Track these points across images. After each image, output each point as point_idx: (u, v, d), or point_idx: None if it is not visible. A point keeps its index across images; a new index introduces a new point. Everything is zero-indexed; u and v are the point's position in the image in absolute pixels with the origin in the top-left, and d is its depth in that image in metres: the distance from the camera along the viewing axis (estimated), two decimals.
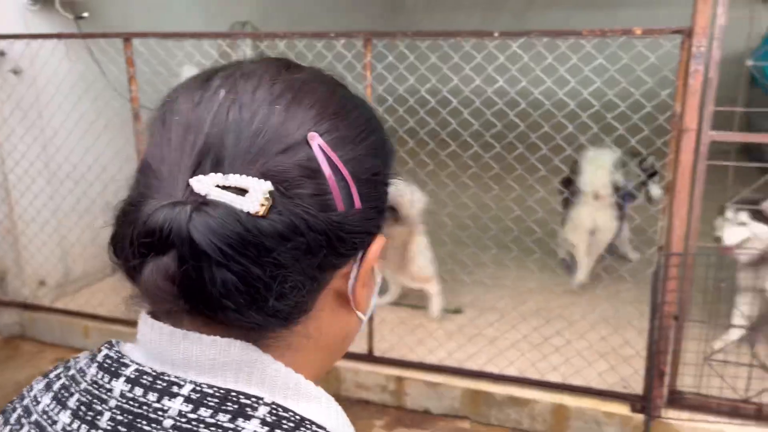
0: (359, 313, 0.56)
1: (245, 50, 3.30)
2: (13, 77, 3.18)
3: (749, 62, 2.23)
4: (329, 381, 3.00)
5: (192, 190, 0.45)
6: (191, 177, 0.45)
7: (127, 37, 2.79)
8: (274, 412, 0.47)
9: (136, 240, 0.45)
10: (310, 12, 5.94)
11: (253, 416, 0.46)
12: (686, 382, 2.53)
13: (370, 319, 2.90)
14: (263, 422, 0.45)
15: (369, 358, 2.96)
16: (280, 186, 0.46)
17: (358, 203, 0.49)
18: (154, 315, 0.50)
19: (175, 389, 0.46)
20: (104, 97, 3.24)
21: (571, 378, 2.71)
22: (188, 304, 0.46)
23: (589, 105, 2.45)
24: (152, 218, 0.44)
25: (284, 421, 0.46)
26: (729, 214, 2.69)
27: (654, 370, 2.49)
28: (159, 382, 0.47)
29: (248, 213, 0.44)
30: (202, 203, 0.44)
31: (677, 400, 2.55)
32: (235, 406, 0.46)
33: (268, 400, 0.47)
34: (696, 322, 2.42)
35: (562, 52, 2.36)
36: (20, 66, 3.20)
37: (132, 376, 0.48)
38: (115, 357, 0.50)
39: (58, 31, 3.10)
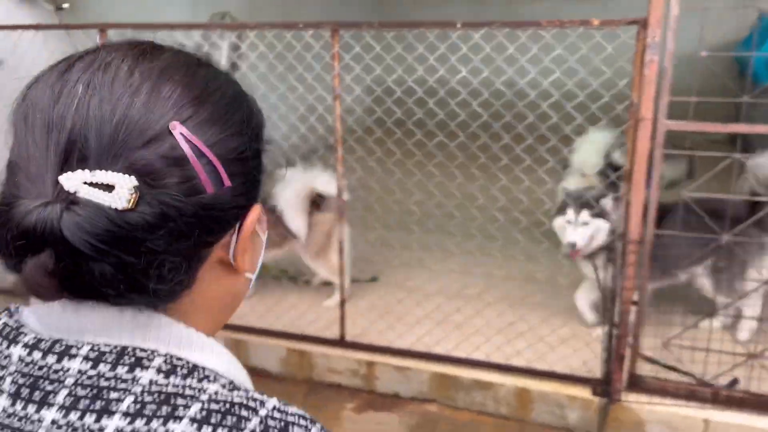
0: (247, 274, 0.60)
1: (220, 42, 3.34)
2: None
3: (703, 53, 2.27)
4: (302, 366, 3.07)
5: (62, 188, 0.46)
6: (59, 174, 0.47)
7: (102, 28, 2.84)
8: (169, 361, 0.51)
9: (11, 241, 0.47)
10: (300, 3, 5.97)
11: (149, 366, 0.50)
12: (645, 367, 2.59)
13: (342, 305, 2.97)
14: (159, 370, 0.50)
15: (341, 343, 3.02)
16: (146, 178, 0.47)
17: (227, 182, 0.51)
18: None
19: (73, 351, 0.50)
20: None
21: (535, 362, 2.78)
22: (71, 294, 0.50)
23: (549, 95, 2.50)
24: (25, 220, 0.46)
25: (178, 368, 0.51)
26: (569, 213, 2.78)
27: (613, 355, 2.55)
28: (57, 346, 0.50)
29: (116, 209, 0.46)
30: (71, 202, 0.46)
31: (637, 384, 2.61)
32: (132, 359, 0.50)
33: (162, 351, 0.51)
34: (654, 308, 2.48)
35: (523, 42, 2.40)
36: (1, 56, 3.25)
37: (30, 342, 0.51)
38: (14, 326, 0.54)
39: (39, 22, 3.15)
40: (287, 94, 2.92)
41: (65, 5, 3.44)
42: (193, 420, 0.47)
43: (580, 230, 2.74)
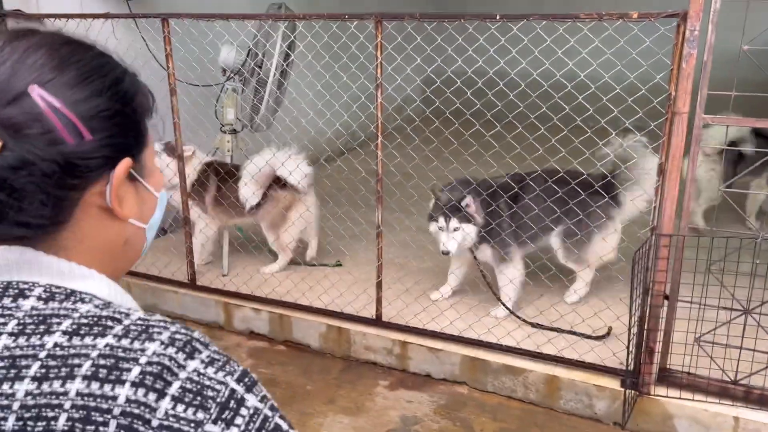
0: (136, 222, 0.70)
1: (276, 32, 3.50)
2: None
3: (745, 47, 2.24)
4: (340, 342, 3.22)
5: None
6: None
7: (164, 18, 3.05)
8: (48, 289, 0.61)
9: None
10: None
11: (30, 295, 0.60)
12: (676, 361, 2.58)
13: (379, 287, 3.09)
14: (39, 298, 0.60)
15: (377, 322, 3.15)
16: (10, 130, 0.58)
17: (88, 136, 0.61)
18: None
19: None
20: (145, 73, 3.50)
21: (564, 351, 2.82)
22: None
23: (586, 87, 2.52)
24: None
25: (56, 295, 0.61)
26: (441, 221, 2.98)
27: (643, 347, 2.56)
28: None
29: None
30: None
31: (667, 378, 2.61)
32: (16, 291, 0.60)
33: (42, 282, 0.61)
34: (686, 302, 2.47)
35: (561, 34, 2.43)
36: None
37: None
38: None
39: (108, 11, 3.39)
40: (331, 82, 3.04)
41: None
42: (64, 332, 0.57)
43: (452, 236, 2.98)
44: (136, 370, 0.55)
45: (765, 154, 2.69)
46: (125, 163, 0.66)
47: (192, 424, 0.55)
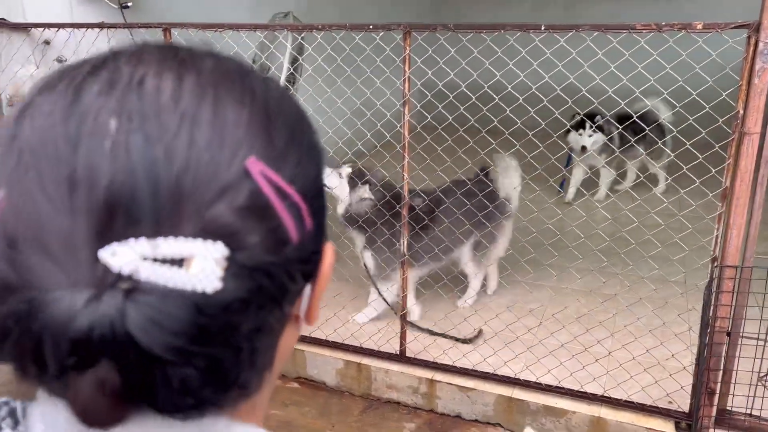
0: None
1: (284, 42, 3.25)
2: (57, 66, 3.23)
3: None
4: (360, 380, 2.95)
5: (106, 269, 0.32)
6: (99, 248, 0.32)
7: (166, 27, 2.78)
8: None
9: (54, 356, 0.33)
10: (355, 4, 5.88)
11: None
12: (737, 402, 2.37)
13: (403, 319, 2.84)
14: None
15: (400, 358, 2.89)
16: (228, 243, 0.34)
17: (309, 224, 0.39)
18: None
19: None
20: None
21: (611, 390, 2.59)
22: (132, 407, 0.35)
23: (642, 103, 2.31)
24: (74, 325, 0.32)
25: None
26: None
27: (702, 388, 2.34)
28: None
29: (203, 292, 0.33)
30: (131, 289, 0.32)
31: (726, 421, 2.40)
32: None
33: None
34: (751, 338, 2.26)
35: (614, 47, 2.22)
36: (64, 55, 3.24)
37: None
38: None
39: (102, 21, 3.11)
40: (347, 92, 2.80)
41: (129, 3, 3.41)
42: None
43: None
44: None
45: None
46: (331, 251, 0.45)
47: None
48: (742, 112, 2.09)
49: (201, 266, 0.33)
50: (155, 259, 0.32)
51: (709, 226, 2.34)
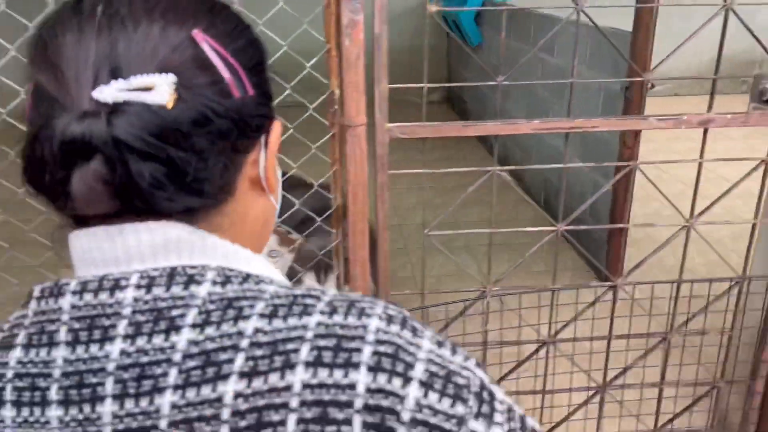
0: (272, 198, 0.60)
1: None
2: None
3: (432, 7, 1.40)
4: None
5: (98, 102, 0.46)
6: (92, 90, 0.46)
7: None
8: (221, 273, 0.49)
9: (57, 154, 0.46)
10: None
11: (203, 281, 0.48)
12: None
13: None
14: (213, 282, 0.49)
15: None
16: (179, 78, 0.48)
17: (251, 90, 0.52)
18: (82, 226, 0.51)
19: (123, 282, 0.48)
20: None
21: None
22: (121, 201, 0.48)
23: None
24: (69, 130, 0.45)
25: (232, 278, 0.49)
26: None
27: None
28: (105, 282, 0.48)
29: (160, 105, 0.46)
30: (113, 110, 0.46)
31: None
32: (185, 278, 0.48)
33: (213, 265, 0.50)
34: None
35: None
36: None
37: (77, 289, 0.49)
38: (52, 285, 0.51)
39: None
40: None
41: None
42: (261, 315, 0.47)
43: None
44: (367, 350, 0.44)
45: None
46: (278, 126, 0.58)
47: (453, 420, 0.44)
48: (338, 92, 1.33)
49: (160, 89, 0.47)
50: (129, 90, 0.46)
51: None
